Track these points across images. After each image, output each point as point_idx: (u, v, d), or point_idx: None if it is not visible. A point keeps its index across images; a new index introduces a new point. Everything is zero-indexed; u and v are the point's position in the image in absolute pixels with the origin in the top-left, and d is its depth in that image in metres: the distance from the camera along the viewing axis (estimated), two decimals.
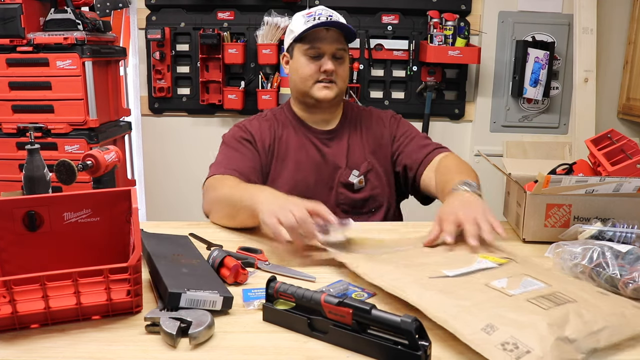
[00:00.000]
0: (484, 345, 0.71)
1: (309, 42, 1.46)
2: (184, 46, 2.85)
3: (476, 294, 0.84)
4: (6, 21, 2.35)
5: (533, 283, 0.88)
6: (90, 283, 0.81)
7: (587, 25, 2.66)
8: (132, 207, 0.92)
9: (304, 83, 1.49)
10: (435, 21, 2.66)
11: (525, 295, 0.83)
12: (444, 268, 0.95)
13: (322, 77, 1.47)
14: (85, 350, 0.76)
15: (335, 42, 1.47)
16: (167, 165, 2.99)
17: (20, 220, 0.94)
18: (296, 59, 1.50)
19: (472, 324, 0.75)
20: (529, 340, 0.71)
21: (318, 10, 1.48)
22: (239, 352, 0.76)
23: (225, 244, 1.16)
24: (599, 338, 0.76)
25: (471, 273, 0.93)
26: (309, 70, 1.47)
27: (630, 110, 2.70)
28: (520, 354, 0.69)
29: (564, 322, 0.76)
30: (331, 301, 0.77)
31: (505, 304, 0.80)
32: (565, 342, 0.73)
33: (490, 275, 0.92)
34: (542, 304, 0.80)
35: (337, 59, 1.48)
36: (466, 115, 2.90)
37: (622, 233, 1.06)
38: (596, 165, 1.33)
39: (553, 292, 0.84)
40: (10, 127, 2.45)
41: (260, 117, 1.59)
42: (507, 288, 0.85)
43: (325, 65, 1.46)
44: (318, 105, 1.52)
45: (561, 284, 0.89)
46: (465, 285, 0.88)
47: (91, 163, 1.47)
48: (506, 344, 0.70)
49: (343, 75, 1.50)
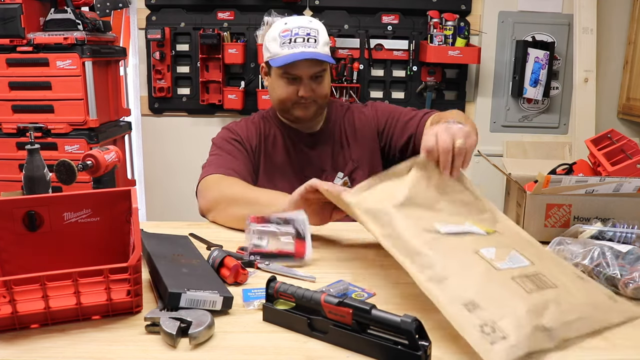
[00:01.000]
0: (463, 323, 0.74)
1: (284, 67, 1.41)
2: (184, 46, 2.85)
3: (465, 260, 0.86)
4: (6, 21, 2.35)
5: (519, 259, 0.89)
6: (90, 283, 0.81)
7: (587, 25, 2.66)
8: (132, 207, 0.92)
9: (282, 104, 1.47)
10: (435, 21, 2.66)
11: (510, 272, 0.84)
12: (437, 221, 0.95)
13: (301, 100, 1.44)
14: (85, 350, 0.76)
15: (313, 66, 1.41)
16: (167, 165, 2.99)
17: (20, 220, 0.94)
18: (273, 79, 1.47)
19: (455, 296, 0.77)
20: (507, 326, 0.73)
21: (294, 28, 1.41)
22: (239, 352, 0.76)
23: (225, 244, 1.16)
24: (572, 328, 0.78)
25: (462, 234, 0.94)
26: (285, 93, 1.44)
27: (630, 110, 2.70)
28: (495, 339, 0.71)
29: (543, 309, 0.77)
30: (331, 301, 0.77)
31: (492, 279, 0.82)
32: (541, 330, 0.75)
33: (480, 242, 0.92)
34: (526, 285, 0.81)
35: (316, 78, 1.44)
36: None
37: (622, 233, 1.06)
38: (596, 165, 1.33)
39: (536, 273, 0.85)
40: (10, 127, 2.45)
41: (248, 120, 1.59)
42: (495, 260, 0.86)
43: (302, 90, 1.42)
44: (298, 121, 1.52)
45: (544, 263, 0.90)
46: (455, 246, 0.90)
47: (91, 163, 1.47)
48: (484, 326, 0.72)
49: (323, 92, 1.46)
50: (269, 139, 1.53)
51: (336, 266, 1.08)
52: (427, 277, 0.82)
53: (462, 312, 0.75)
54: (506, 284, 0.81)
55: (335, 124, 1.57)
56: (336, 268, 1.07)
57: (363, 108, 1.61)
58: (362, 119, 1.58)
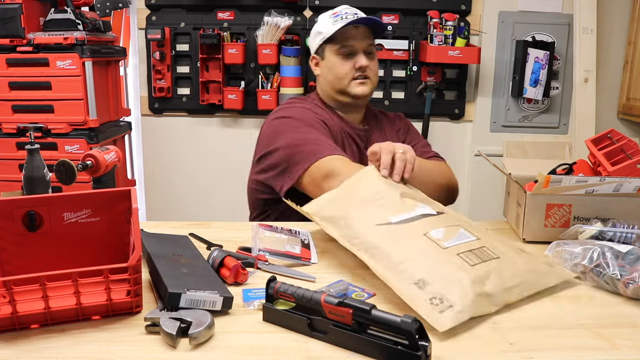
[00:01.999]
0: (415, 299, 0.83)
1: (340, 42, 1.49)
2: (184, 46, 2.85)
3: (414, 244, 0.95)
4: (6, 21, 2.35)
5: (466, 235, 0.99)
6: (90, 283, 0.81)
7: (587, 25, 2.66)
8: (132, 207, 0.92)
9: (340, 82, 1.51)
10: (435, 21, 2.66)
11: (457, 248, 0.94)
12: (389, 214, 1.04)
13: (357, 74, 1.50)
14: (85, 350, 0.76)
15: (366, 38, 1.50)
16: (167, 165, 2.98)
17: (20, 220, 0.94)
18: (328, 59, 1.52)
19: (407, 278, 0.87)
20: (453, 296, 0.83)
21: (343, 9, 1.51)
22: (239, 352, 0.76)
23: (225, 244, 1.16)
24: (512, 293, 0.89)
25: (412, 220, 1.02)
26: (344, 68, 1.49)
27: (630, 110, 2.70)
28: (443, 308, 0.81)
29: (485, 278, 0.88)
30: (331, 301, 0.77)
31: (439, 259, 0.91)
32: (483, 296, 0.85)
33: (429, 223, 1.02)
34: (470, 259, 0.91)
35: (369, 54, 1.51)
36: (466, 115, 2.90)
37: (622, 233, 1.06)
38: (596, 165, 1.33)
39: (481, 247, 0.96)
40: (10, 127, 2.45)
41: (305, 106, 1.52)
42: (442, 240, 0.96)
43: (359, 61, 1.48)
44: (354, 103, 1.54)
45: (489, 239, 1.00)
46: (406, 233, 0.98)
47: (91, 163, 1.46)
48: (433, 299, 0.82)
49: (375, 70, 1.54)
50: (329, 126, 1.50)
51: (336, 266, 1.08)
52: (383, 267, 0.92)
53: (414, 291, 0.85)
54: (452, 261, 0.91)
55: (376, 124, 1.62)
56: (336, 268, 1.07)
57: (394, 116, 1.69)
58: (394, 126, 1.64)
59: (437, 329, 0.78)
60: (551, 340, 0.80)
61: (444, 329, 0.78)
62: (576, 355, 0.76)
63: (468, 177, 2.87)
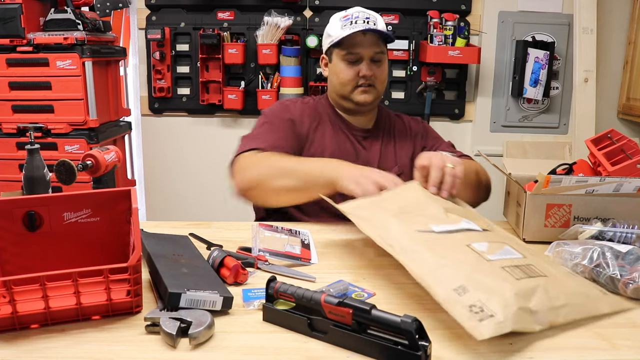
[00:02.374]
0: (454, 305, 0.77)
1: (346, 48, 1.47)
2: (184, 46, 2.85)
3: (456, 254, 0.90)
4: (6, 21, 2.35)
5: (511, 252, 0.93)
6: (90, 283, 0.81)
7: (587, 25, 2.66)
8: (132, 207, 0.92)
9: (344, 88, 1.50)
10: (435, 21, 2.66)
11: (501, 262, 0.88)
12: (432, 222, 1.00)
13: (361, 82, 1.48)
14: (85, 350, 0.76)
15: (373, 45, 1.47)
16: (167, 165, 2.98)
17: (20, 220, 0.94)
18: (335, 63, 1.51)
19: (446, 283, 0.81)
20: (494, 306, 0.76)
21: (354, 12, 1.48)
22: (239, 352, 0.76)
23: (225, 244, 1.16)
24: (559, 314, 0.82)
25: (456, 232, 0.98)
26: (347, 75, 1.48)
27: (630, 110, 2.70)
28: (483, 317, 0.75)
29: (531, 294, 0.81)
30: (331, 301, 0.77)
31: (481, 268, 0.86)
32: (527, 312, 0.79)
33: (473, 237, 0.97)
34: (515, 273, 0.85)
35: (376, 62, 1.49)
36: (466, 115, 2.90)
37: (622, 233, 1.06)
38: (596, 165, 1.33)
39: (527, 264, 0.89)
40: (10, 127, 2.45)
41: (303, 101, 1.58)
42: (487, 253, 0.90)
43: (363, 70, 1.46)
44: (357, 110, 1.53)
45: (535, 258, 0.94)
46: (448, 243, 0.94)
47: (91, 163, 1.46)
48: (473, 307, 0.76)
49: (381, 78, 1.51)
50: (318, 129, 1.52)
51: (336, 266, 1.08)
52: (421, 270, 0.85)
53: (453, 296, 0.79)
54: (495, 272, 0.85)
55: (386, 126, 1.60)
56: (336, 268, 1.07)
57: (412, 121, 1.66)
58: (413, 129, 1.62)
59: (476, 337, 0.73)
60: (551, 340, 0.80)
61: (483, 337, 0.72)
62: (576, 355, 0.76)
63: None
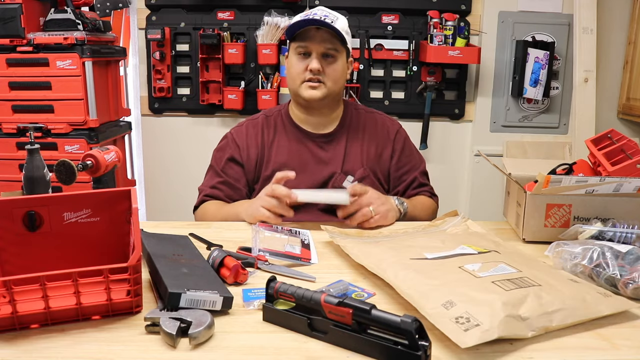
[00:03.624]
0: (440, 318, 0.78)
1: (299, 41, 1.47)
2: (184, 46, 2.85)
3: (447, 275, 0.91)
4: (6, 21, 2.35)
5: (505, 269, 0.93)
6: (90, 283, 0.81)
7: (587, 25, 2.66)
8: (132, 207, 0.92)
9: (294, 82, 1.50)
10: (435, 21, 2.66)
11: (492, 277, 0.89)
12: (426, 251, 1.03)
13: (309, 77, 1.47)
14: (85, 350, 0.76)
15: (325, 41, 1.46)
16: (167, 165, 2.98)
17: (20, 220, 0.94)
18: (289, 57, 1.52)
19: (435, 300, 0.82)
20: (481, 316, 0.77)
21: (316, 10, 1.48)
22: (239, 352, 0.76)
23: (225, 244, 1.16)
24: (553, 318, 0.82)
25: (449, 257, 0.99)
26: (297, 68, 1.48)
27: (630, 110, 2.70)
28: (469, 327, 0.75)
29: (521, 302, 0.82)
30: (331, 301, 0.77)
31: (471, 284, 0.87)
32: (516, 319, 0.79)
33: (466, 259, 0.97)
34: (505, 285, 0.86)
35: (327, 57, 1.47)
36: (466, 115, 2.89)
37: (622, 233, 1.06)
38: (596, 165, 1.33)
39: (520, 277, 0.90)
40: (10, 127, 2.45)
41: (251, 122, 1.60)
42: (478, 271, 0.91)
43: (311, 64, 1.45)
44: (308, 106, 1.52)
45: (532, 271, 0.93)
46: (440, 267, 0.95)
47: (91, 163, 1.46)
48: (460, 318, 0.77)
49: (333, 75, 1.49)
50: (272, 146, 1.54)
51: (336, 266, 1.08)
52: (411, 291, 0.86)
53: (440, 311, 0.80)
54: (484, 286, 0.86)
55: (352, 127, 1.58)
56: (336, 268, 1.07)
57: (388, 122, 1.64)
58: (384, 134, 1.59)
59: (460, 345, 0.73)
60: (551, 340, 0.80)
61: (467, 345, 0.73)
62: (576, 355, 0.76)
63: (468, 177, 2.87)
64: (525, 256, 1.07)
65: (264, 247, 1.09)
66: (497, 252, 1.03)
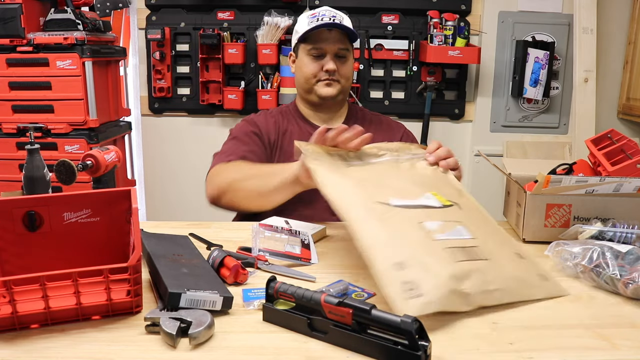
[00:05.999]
0: (389, 279, 0.82)
1: (312, 43, 1.52)
2: (184, 46, 2.85)
3: (406, 231, 0.93)
4: (6, 21, 2.35)
5: (462, 233, 0.96)
6: (90, 283, 0.81)
7: (587, 25, 2.66)
8: (132, 207, 0.92)
9: (308, 82, 1.54)
10: (435, 21, 2.66)
11: (447, 242, 0.92)
12: (392, 195, 1.03)
13: (325, 77, 1.52)
14: (85, 350, 0.76)
15: (338, 42, 1.52)
16: (167, 165, 2.98)
17: (20, 220, 0.94)
18: (300, 58, 1.56)
19: (387, 256, 0.86)
20: (426, 286, 0.81)
21: (322, 11, 1.52)
22: (239, 352, 0.76)
23: (225, 244, 1.16)
24: (490, 297, 0.88)
25: (412, 207, 1.01)
26: (312, 69, 1.53)
27: (630, 110, 2.70)
28: (413, 295, 0.80)
29: (466, 277, 0.86)
30: (331, 301, 0.77)
31: (425, 247, 0.90)
32: (457, 294, 0.84)
33: (428, 214, 0.99)
34: (456, 255, 0.89)
35: (340, 57, 1.53)
36: (466, 115, 2.90)
37: (622, 233, 1.06)
38: (596, 165, 1.33)
39: (473, 246, 0.93)
40: (10, 127, 2.45)
41: (267, 112, 1.64)
42: (435, 232, 0.94)
43: (327, 64, 1.51)
44: (322, 104, 1.57)
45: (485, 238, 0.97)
46: (401, 218, 0.97)
47: (91, 163, 1.46)
48: (406, 283, 0.81)
49: (346, 74, 1.55)
50: (286, 134, 1.57)
51: (336, 266, 1.08)
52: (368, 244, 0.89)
53: (390, 271, 0.83)
54: (436, 252, 0.89)
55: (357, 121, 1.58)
56: (336, 268, 1.07)
57: (393, 123, 1.67)
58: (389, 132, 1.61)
59: (397, 312, 0.75)
60: (551, 340, 0.80)
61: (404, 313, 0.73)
62: (576, 355, 0.76)
63: (468, 177, 2.87)
64: (482, 213, 1.10)
65: (264, 247, 1.09)
66: (459, 207, 1.05)
